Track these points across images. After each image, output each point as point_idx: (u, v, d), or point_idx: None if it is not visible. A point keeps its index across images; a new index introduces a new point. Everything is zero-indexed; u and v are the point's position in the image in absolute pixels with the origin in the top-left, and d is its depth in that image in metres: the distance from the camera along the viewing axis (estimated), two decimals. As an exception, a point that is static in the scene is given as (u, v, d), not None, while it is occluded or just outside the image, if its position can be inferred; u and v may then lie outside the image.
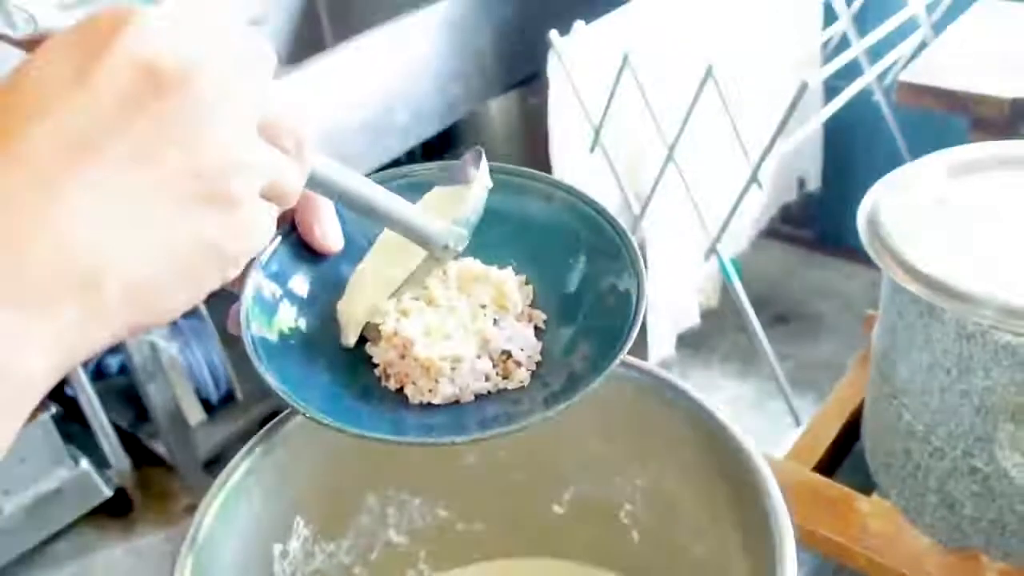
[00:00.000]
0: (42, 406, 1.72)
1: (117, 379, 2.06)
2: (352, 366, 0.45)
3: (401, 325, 0.44)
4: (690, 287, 1.90)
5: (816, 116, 1.69)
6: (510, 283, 0.46)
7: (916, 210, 0.75)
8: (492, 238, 0.47)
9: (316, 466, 0.54)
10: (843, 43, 1.89)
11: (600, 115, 1.62)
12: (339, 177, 0.41)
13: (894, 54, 1.74)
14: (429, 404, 0.43)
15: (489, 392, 0.44)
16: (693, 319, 1.94)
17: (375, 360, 0.45)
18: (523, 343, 0.45)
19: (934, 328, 0.68)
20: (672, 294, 1.84)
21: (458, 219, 0.45)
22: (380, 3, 2.21)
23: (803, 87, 1.27)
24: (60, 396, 1.87)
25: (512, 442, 0.58)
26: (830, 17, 1.89)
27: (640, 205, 1.72)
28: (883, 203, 0.75)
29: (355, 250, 0.46)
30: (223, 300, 0.44)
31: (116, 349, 1.91)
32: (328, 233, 0.45)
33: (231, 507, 0.48)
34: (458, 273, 0.46)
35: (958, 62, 1.10)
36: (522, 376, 0.44)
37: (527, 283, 0.47)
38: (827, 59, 1.89)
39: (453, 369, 0.43)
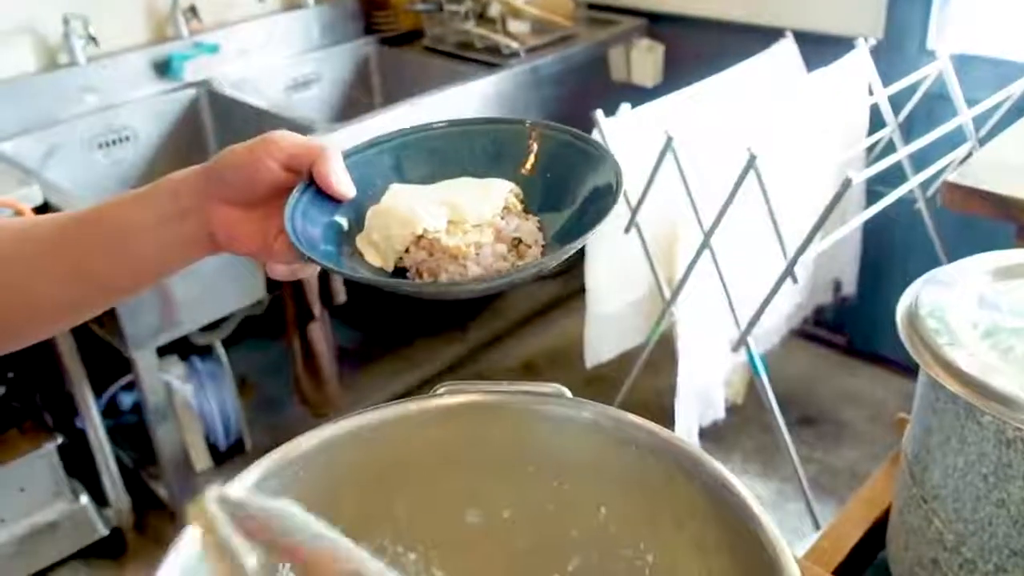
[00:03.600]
0: (49, 436, 1.70)
1: (128, 416, 2.04)
2: (387, 275, 0.55)
3: (425, 230, 0.54)
4: (718, 379, 1.86)
5: (856, 218, 1.67)
6: (507, 189, 0.58)
7: (958, 308, 0.72)
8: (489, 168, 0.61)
9: (312, 506, 0.51)
10: (888, 148, 1.88)
11: (638, 197, 1.61)
12: None
13: (940, 163, 1.73)
14: None
15: (509, 271, 0.53)
16: (718, 412, 1.89)
17: (406, 265, 0.54)
18: (528, 231, 0.56)
19: (971, 431, 0.65)
20: (699, 384, 1.80)
21: None
22: (431, 73, 2.26)
23: (847, 183, 1.26)
24: (69, 428, 1.86)
25: (517, 504, 0.55)
26: (878, 122, 1.89)
27: (671, 290, 1.70)
28: (924, 299, 0.73)
29: (365, 195, 0.57)
30: (242, 348, 0.44)
31: (131, 386, 1.90)
32: (342, 180, 0.55)
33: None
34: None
35: (1007, 169, 1.08)
36: (534, 253, 0.55)
37: (517, 195, 0.58)
38: (871, 163, 1.88)
39: (477, 254, 0.53)
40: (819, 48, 1.93)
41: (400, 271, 0.55)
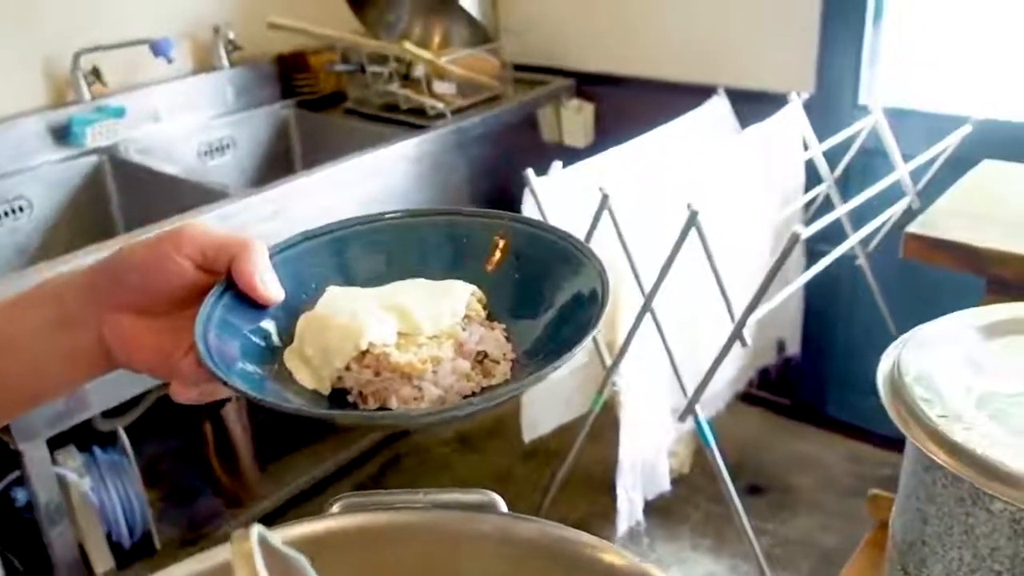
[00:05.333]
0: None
1: (27, 514, 1.84)
2: (324, 401, 0.45)
3: (371, 343, 0.45)
4: (663, 450, 1.76)
5: (800, 277, 1.60)
6: (469, 292, 0.49)
7: (946, 372, 0.63)
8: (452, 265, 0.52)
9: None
10: (826, 205, 1.83)
11: (574, 258, 1.52)
12: None
13: (880, 219, 1.68)
14: None
15: (474, 392, 0.45)
16: (663, 484, 1.79)
17: (347, 386, 0.45)
18: (494, 343, 0.47)
19: (979, 519, 0.55)
20: (644, 457, 1.70)
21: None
22: (354, 136, 2.16)
23: (794, 237, 1.19)
24: (-48, 532, 1.66)
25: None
26: (814, 178, 1.85)
27: (612, 357, 1.60)
28: (907, 362, 0.64)
29: (298, 300, 0.48)
30: (152, 434, 0.33)
31: (23, 481, 1.71)
32: (267, 281, 0.46)
33: None
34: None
35: (967, 220, 1.02)
36: (504, 370, 0.46)
37: (480, 299, 0.50)
38: (809, 219, 1.83)
39: (434, 372, 0.44)
40: (752, 105, 1.89)
41: (339, 392, 0.45)
